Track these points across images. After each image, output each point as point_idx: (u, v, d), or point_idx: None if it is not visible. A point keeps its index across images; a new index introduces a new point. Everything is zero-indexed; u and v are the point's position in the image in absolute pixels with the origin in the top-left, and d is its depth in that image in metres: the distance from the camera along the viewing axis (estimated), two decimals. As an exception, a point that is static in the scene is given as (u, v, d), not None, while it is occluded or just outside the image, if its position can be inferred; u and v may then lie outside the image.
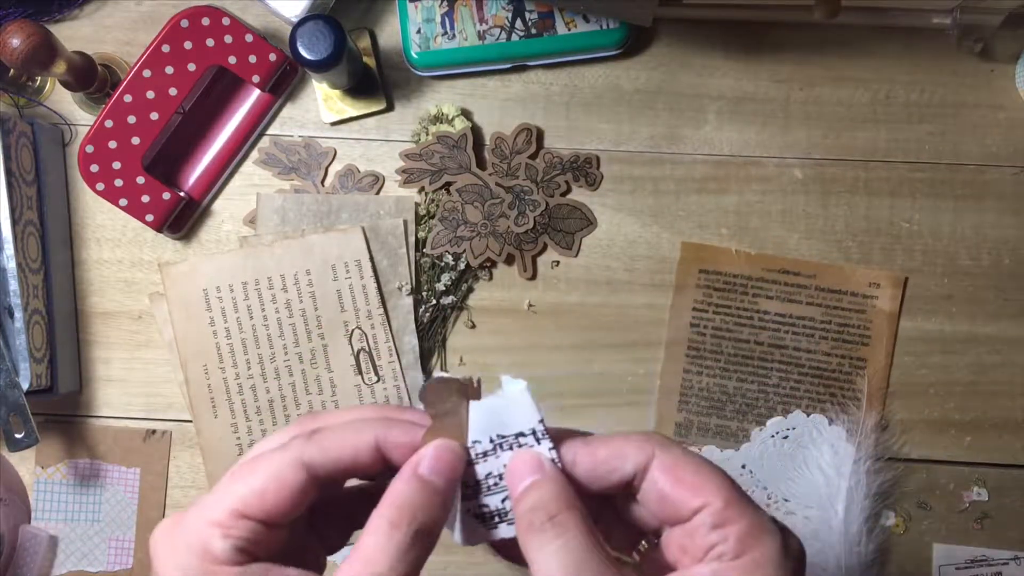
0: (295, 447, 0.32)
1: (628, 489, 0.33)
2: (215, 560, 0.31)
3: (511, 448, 0.34)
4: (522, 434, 0.34)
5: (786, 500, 0.64)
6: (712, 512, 0.31)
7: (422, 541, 0.31)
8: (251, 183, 0.67)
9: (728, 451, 0.66)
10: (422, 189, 0.66)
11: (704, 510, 0.31)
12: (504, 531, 0.34)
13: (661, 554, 0.33)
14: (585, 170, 0.66)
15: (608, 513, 0.35)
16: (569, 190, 0.66)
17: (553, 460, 0.34)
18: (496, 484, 0.34)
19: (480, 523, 0.35)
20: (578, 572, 0.30)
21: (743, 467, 0.65)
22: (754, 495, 0.64)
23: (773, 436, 0.65)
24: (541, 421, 0.34)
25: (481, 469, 0.34)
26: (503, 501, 0.34)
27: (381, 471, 0.34)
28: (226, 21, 0.62)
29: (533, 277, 0.66)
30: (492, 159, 0.66)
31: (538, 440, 0.34)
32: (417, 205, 0.66)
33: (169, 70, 0.62)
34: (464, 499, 0.35)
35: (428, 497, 0.32)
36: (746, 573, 0.30)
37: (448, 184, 0.66)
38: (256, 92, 0.66)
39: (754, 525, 0.31)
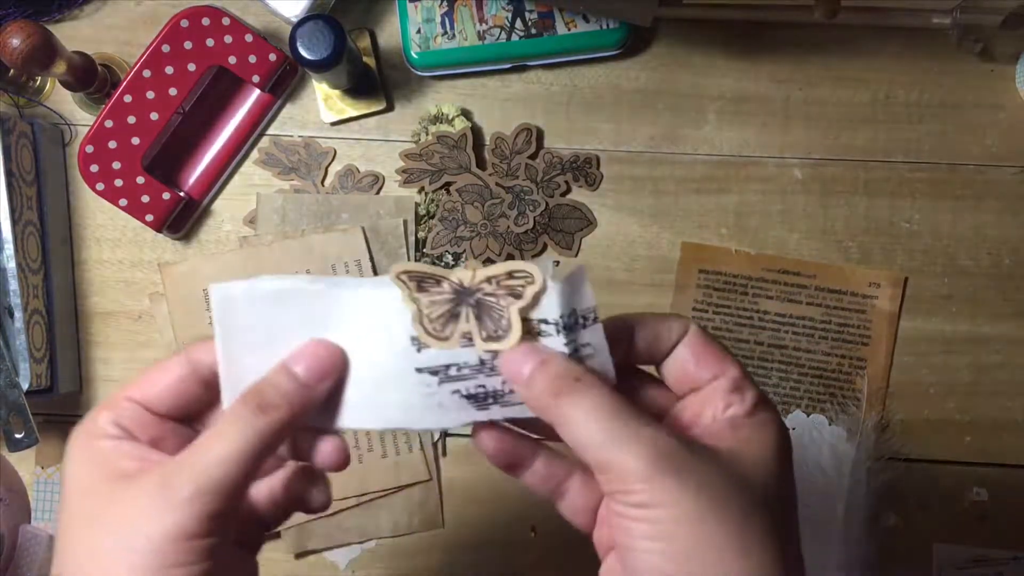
0: (184, 351, 0.36)
1: (660, 359, 0.37)
2: (95, 435, 0.35)
3: (538, 334, 0.35)
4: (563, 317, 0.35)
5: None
6: (730, 379, 0.35)
7: (275, 421, 0.33)
8: (251, 183, 0.67)
9: (728, 451, 0.66)
10: (422, 189, 0.66)
11: (722, 377, 0.35)
12: (495, 412, 0.36)
13: (673, 419, 0.37)
14: (585, 170, 0.66)
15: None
16: (569, 190, 0.66)
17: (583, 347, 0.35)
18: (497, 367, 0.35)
19: (471, 403, 0.36)
20: (611, 417, 0.32)
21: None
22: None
23: (773, 436, 0.65)
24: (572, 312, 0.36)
25: (479, 352, 0.35)
26: (503, 383, 0.35)
27: None
28: (226, 21, 0.62)
29: (533, 277, 0.66)
30: (492, 159, 0.66)
31: (584, 325, 0.36)
32: (417, 205, 0.66)
33: (169, 70, 0.62)
34: (456, 380, 0.35)
35: (292, 386, 0.34)
36: (758, 425, 0.34)
37: (448, 184, 0.66)
38: (256, 92, 0.66)
39: (763, 396, 0.36)
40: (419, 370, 0.36)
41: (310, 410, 0.35)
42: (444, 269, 0.36)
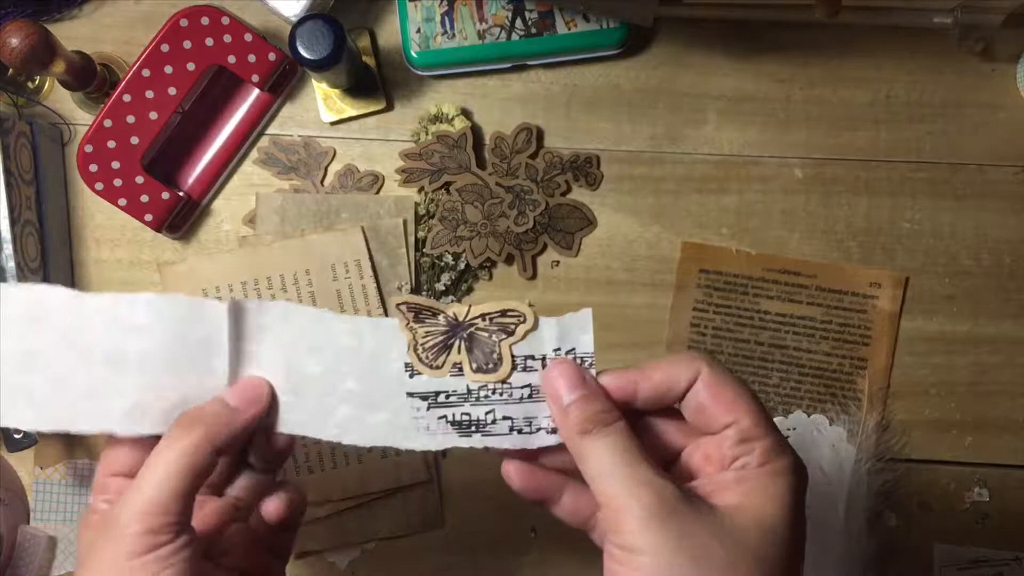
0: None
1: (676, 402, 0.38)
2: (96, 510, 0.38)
3: (524, 369, 0.39)
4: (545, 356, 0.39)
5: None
6: (740, 429, 0.35)
7: (201, 443, 0.37)
8: (250, 183, 0.67)
9: (728, 451, 0.65)
10: (422, 189, 0.66)
11: (733, 426, 0.35)
12: (476, 440, 0.39)
13: (683, 465, 0.38)
14: (585, 170, 0.66)
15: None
16: (569, 190, 0.66)
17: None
18: (487, 397, 0.39)
19: (455, 429, 0.39)
20: (625, 461, 0.34)
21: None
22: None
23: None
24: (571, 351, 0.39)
25: (468, 382, 0.39)
26: (487, 414, 0.39)
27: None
28: (225, 20, 0.62)
29: (533, 277, 0.66)
30: (492, 159, 0.66)
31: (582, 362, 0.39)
32: (417, 205, 0.66)
33: (168, 69, 0.62)
34: (443, 407, 0.39)
35: (220, 408, 0.38)
36: (768, 478, 0.35)
37: (448, 184, 0.66)
38: (255, 91, 0.66)
39: (776, 443, 0.36)
40: (410, 395, 0.39)
41: (237, 432, 0.38)
42: (440, 303, 0.40)
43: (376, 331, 0.40)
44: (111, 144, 0.62)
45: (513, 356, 0.39)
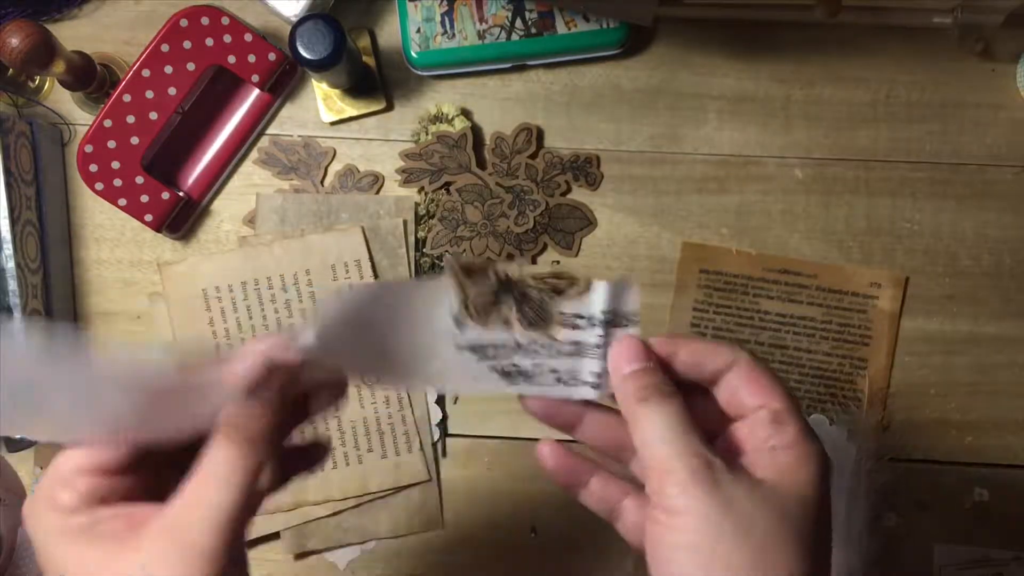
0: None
1: (709, 382, 0.39)
2: (64, 514, 0.34)
3: (572, 327, 0.40)
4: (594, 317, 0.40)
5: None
6: (773, 411, 0.36)
7: (256, 448, 0.35)
8: (250, 183, 0.67)
9: (728, 451, 0.65)
10: (422, 189, 0.66)
11: (766, 408, 0.36)
12: (523, 387, 0.40)
13: (720, 446, 0.38)
14: (585, 170, 0.66)
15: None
16: (569, 190, 0.66)
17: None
18: (535, 351, 0.40)
19: (503, 377, 0.40)
20: (677, 430, 0.35)
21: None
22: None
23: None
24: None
25: (517, 336, 0.40)
26: (534, 366, 0.40)
27: None
28: (225, 20, 0.62)
29: (533, 277, 0.66)
30: (492, 159, 0.66)
31: (618, 325, 0.40)
32: (417, 205, 0.66)
33: (168, 70, 0.62)
34: (492, 358, 0.40)
35: (254, 409, 0.35)
36: (801, 458, 0.36)
37: (448, 184, 0.66)
38: (255, 92, 0.66)
39: (807, 430, 0.36)
40: (459, 347, 0.40)
41: (281, 424, 0.36)
42: (493, 263, 0.41)
43: (425, 289, 0.41)
44: (111, 144, 0.62)
45: (562, 314, 0.41)
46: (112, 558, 0.33)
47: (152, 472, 0.37)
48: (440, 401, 0.66)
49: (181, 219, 0.66)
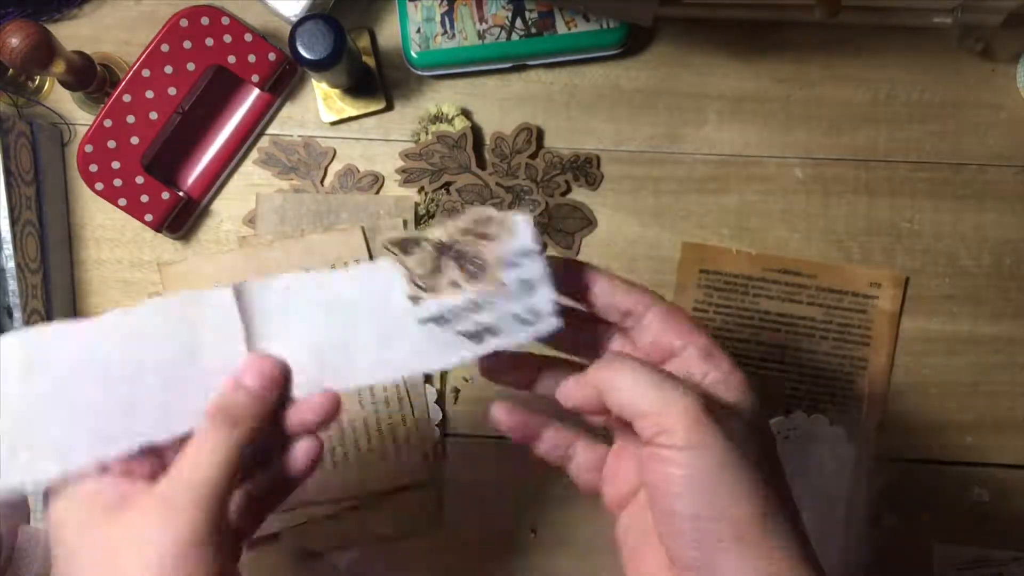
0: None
1: (623, 321, 0.41)
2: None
3: (514, 266, 0.41)
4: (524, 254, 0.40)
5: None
6: (700, 347, 0.39)
7: (239, 430, 0.38)
8: (250, 183, 0.67)
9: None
10: (422, 189, 0.66)
11: (691, 346, 0.39)
12: (492, 344, 0.41)
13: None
14: (585, 170, 0.66)
15: None
16: (569, 190, 0.66)
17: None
18: (489, 302, 0.41)
19: (471, 340, 0.41)
20: (662, 375, 0.37)
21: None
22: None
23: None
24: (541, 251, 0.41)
25: (468, 294, 0.41)
26: (497, 317, 0.41)
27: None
28: (225, 20, 0.62)
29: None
30: (492, 159, 0.66)
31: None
32: (417, 205, 0.66)
33: (168, 69, 0.62)
34: (453, 322, 0.41)
35: (248, 399, 0.38)
36: (742, 384, 0.38)
37: (448, 184, 0.66)
38: (255, 92, 0.66)
39: (732, 362, 0.39)
40: (421, 321, 0.41)
41: (268, 416, 0.39)
42: (422, 232, 0.42)
43: (374, 274, 0.42)
44: (111, 144, 0.63)
45: (500, 258, 0.41)
46: (104, 535, 0.35)
47: (148, 459, 0.39)
48: (440, 401, 0.66)
49: (181, 219, 0.66)
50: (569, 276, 0.40)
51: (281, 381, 0.40)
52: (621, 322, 0.41)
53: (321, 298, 0.42)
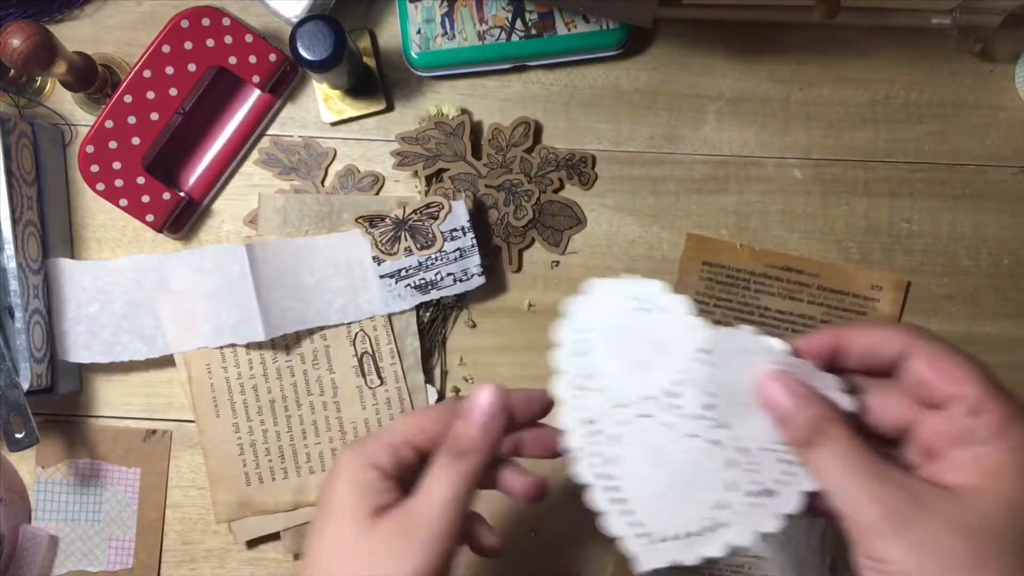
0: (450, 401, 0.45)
1: (887, 372, 0.36)
2: (369, 462, 0.41)
3: (451, 239, 0.56)
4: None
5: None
6: (969, 399, 0.33)
7: (473, 464, 0.41)
8: (251, 183, 0.67)
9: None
10: (416, 173, 0.66)
11: (961, 399, 0.33)
12: (435, 294, 0.61)
13: (915, 442, 0.36)
14: (579, 169, 0.66)
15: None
16: (562, 187, 0.66)
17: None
18: (432, 264, 0.61)
19: (420, 292, 0.61)
20: (854, 473, 0.34)
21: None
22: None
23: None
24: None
25: (417, 258, 0.62)
26: (435, 275, 0.60)
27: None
28: (226, 21, 0.62)
29: (519, 270, 0.66)
30: (488, 150, 0.66)
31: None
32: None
33: (169, 70, 0.62)
34: (405, 279, 0.57)
35: (476, 432, 0.41)
36: (1005, 453, 0.32)
37: (442, 171, 0.66)
38: (256, 92, 0.66)
39: (1011, 412, 0.33)
40: (381, 277, 0.58)
41: (495, 447, 0.42)
42: (384, 209, 0.61)
43: (348, 240, 0.62)
44: (112, 145, 0.63)
45: (443, 232, 0.60)
46: (357, 536, 0.39)
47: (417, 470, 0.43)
48: (441, 401, 0.66)
49: (182, 219, 0.66)
50: (816, 344, 0.37)
51: (502, 412, 0.41)
52: (887, 372, 0.37)
53: (306, 255, 0.62)
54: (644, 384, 0.38)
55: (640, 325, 0.39)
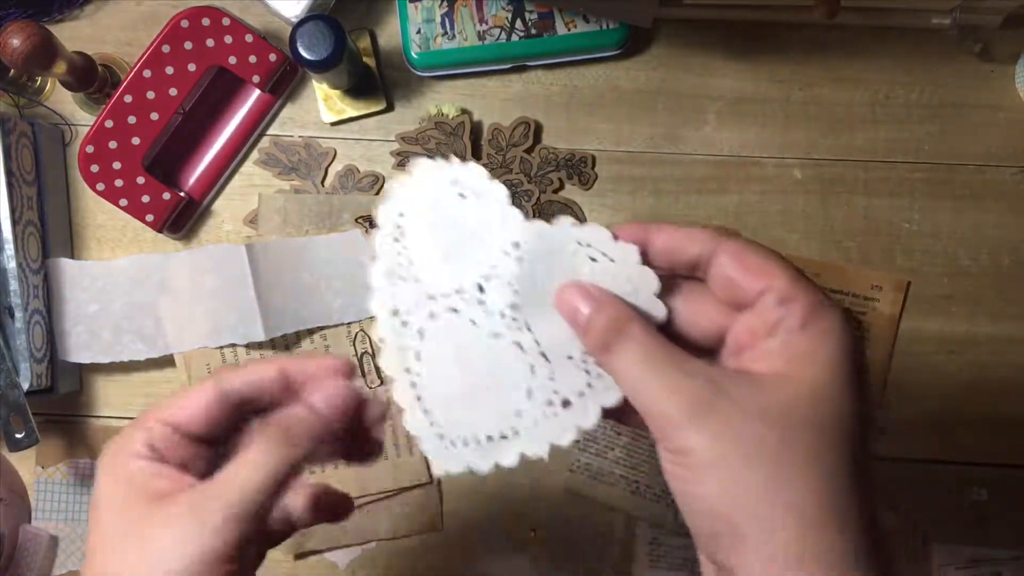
0: (212, 376, 0.38)
1: (694, 272, 0.35)
2: (128, 454, 0.36)
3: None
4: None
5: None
6: (777, 290, 0.32)
7: (290, 448, 0.36)
8: (251, 183, 0.67)
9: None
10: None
11: (768, 291, 0.33)
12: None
13: (730, 345, 0.35)
14: (579, 169, 0.66)
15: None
16: (562, 187, 0.66)
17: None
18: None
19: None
20: (653, 369, 0.33)
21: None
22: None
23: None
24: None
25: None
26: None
27: (284, 400, 0.39)
28: (226, 21, 0.62)
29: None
30: (488, 150, 0.66)
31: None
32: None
33: (169, 70, 0.62)
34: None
35: (314, 420, 0.37)
36: (814, 339, 0.32)
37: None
38: (256, 92, 0.66)
39: (817, 301, 0.32)
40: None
41: (328, 438, 0.37)
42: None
43: (348, 240, 0.63)
44: (112, 145, 0.63)
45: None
46: (137, 525, 0.35)
47: (209, 455, 0.39)
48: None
49: (182, 219, 0.66)
50: (624, 238, 0.36)
51: (350, 407, 0.38)
52: (692, 272, 0.35)
53: (304, 256, 0.61)
54: (456, 276, 0.36)
55: (458, 212, 0.36)
